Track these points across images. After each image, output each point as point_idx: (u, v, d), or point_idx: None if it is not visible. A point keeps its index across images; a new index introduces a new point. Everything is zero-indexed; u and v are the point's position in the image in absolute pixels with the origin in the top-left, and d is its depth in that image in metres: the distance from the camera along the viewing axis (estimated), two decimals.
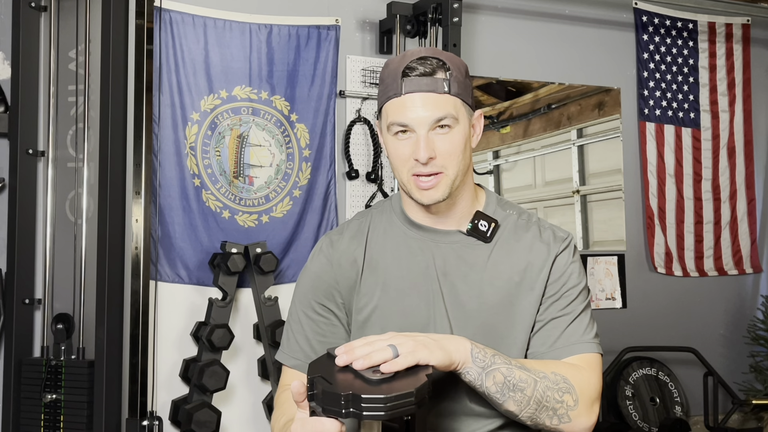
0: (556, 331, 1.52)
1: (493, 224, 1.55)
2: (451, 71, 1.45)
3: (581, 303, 1.55)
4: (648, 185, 4.15)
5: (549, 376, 1.41)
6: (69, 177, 3.07)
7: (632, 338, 4.00)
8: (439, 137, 1.45)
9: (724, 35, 4.34)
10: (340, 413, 1.15)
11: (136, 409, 2.85)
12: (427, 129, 1.44)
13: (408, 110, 1.44)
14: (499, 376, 1.36)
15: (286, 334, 1.63)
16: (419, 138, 1.44)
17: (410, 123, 1.44)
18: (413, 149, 1.44)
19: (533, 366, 1.42)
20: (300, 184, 3.43)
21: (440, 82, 1.43)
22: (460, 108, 1.46)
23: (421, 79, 1.43)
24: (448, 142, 1.45)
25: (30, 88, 3.03)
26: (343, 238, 1.60)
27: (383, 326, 1.52)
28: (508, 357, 1.40)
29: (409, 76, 1.44)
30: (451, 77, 1.44)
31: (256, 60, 3.35)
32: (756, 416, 4.29)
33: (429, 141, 1.43)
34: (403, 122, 1.44)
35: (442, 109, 1.43)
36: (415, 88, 1.43)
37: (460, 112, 1.46)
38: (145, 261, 2.91)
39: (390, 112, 1.46)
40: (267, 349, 3.21)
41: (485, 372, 1.36)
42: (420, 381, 1.20)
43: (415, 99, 1.43)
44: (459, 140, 1.46)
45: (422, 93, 1.43)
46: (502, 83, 3.85)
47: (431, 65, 1.44)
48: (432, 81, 1.43)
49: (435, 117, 1.43)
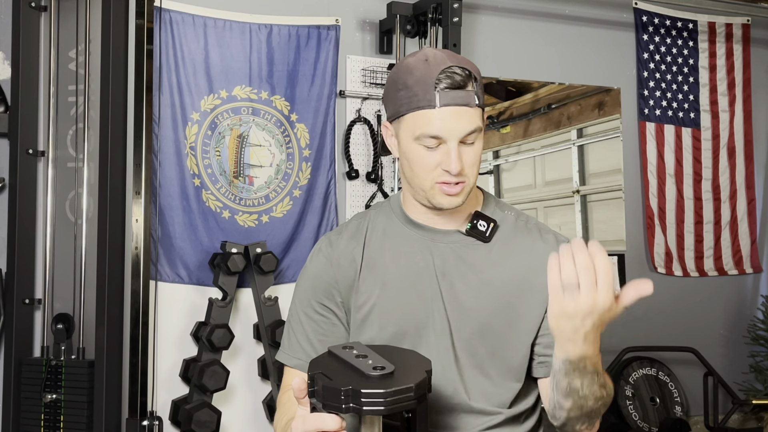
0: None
1: (492, 224, 1.56)
2: (477, 81, 1.46)
3: None
4: (648, 185, 4.15)
5: (608, 390, 1.41)
6: (69, 177, 3.07)
7: (632, 338, 3.99)
8: (465, 148, 1.46)
9: (724, 35, 4.34)
10: (341, 408, 1.15)
11: (136, 409, 2.85)
12: (458, 141, 1.44)
13: (442, 122, 1.43)
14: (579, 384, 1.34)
15: (286, 335, 1.63)
16: (450, 150, 1.44)
17: (444, 135, 1.44)
18: (442, 159, 1.45)
19: (608, 383, 1.41)
20: (300, 184, 3.43)
21: (472, 96, 1.44)
22: (483, 118, 1.48)
23: (457, 93, 1.43)
24: (473, 153, 1.47)
25: (30, 88, 3.04)
26: (342, 238, 1.61)
27: (382, 324, 1.53)
28: (599, 370, 1.37)
29: (442, 89, 1.43)
30: (477, 88, 1.45)
31: (256, 60, 3.35)
32: (756, 416, 4.28)
33: (459, 153, 1.44)
34: (437, 134, 1.44)
35: (473, 122, 1.44)
36: (449, 102, 1.43)
37: (483, 122, 1.48)
38: (145, 261, 2.91)
39: (420, 122, 1.45)
40: (267, 349, 3.21)
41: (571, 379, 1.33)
42: (420, 376, 1.20)
43: (449, 112, 1.43)
44: (480, 150, 1.49)
45: (457, 107, 1.43)
46: (502, 83, 3.86)
47: (461, 77, 1.44)
48: (466, 95, 1.43)
49: (467, 130, 1.44)
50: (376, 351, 1.27)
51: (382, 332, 1.53)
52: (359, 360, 1.23)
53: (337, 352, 1.27)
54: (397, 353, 1.31)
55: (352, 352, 1.26)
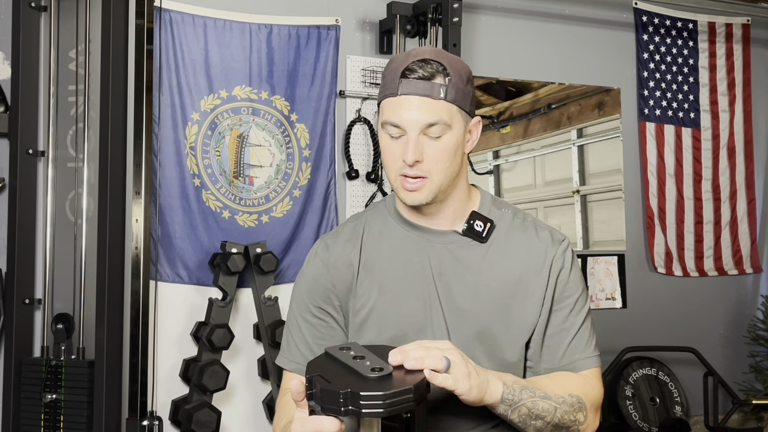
0: (559, 347, 1.54)
1: (489, 224, 1.55)
2: (450, 77, 1.45)
3: (582, 312, 1.56)
4: (648, 185, 4.15)
5: (567, 400, 1.45)
6: (69, 177, 3.07)
7: (632, 338, 4.00)
8: (428, 142, 1.45)
9: (724, 35, 4.34)
10: (339, 411, 1.15)
11: (136, 409, 2.86)
12: (417, 132, 1.44)
13: (402, 111, 1.44)
14: (524, 410, 1.40)
15: (285, 339, 1.63)
16: (409, 140, 1.44)
17: (402, 124, 1.44)
18: (402, 150, 1.45)
19: (554, 391, 1.45)
20: (300, 184, 3.43)
21: (437, 88, 1.43)
22: (455, 115, 1.46)
23: (419, 83, 1.43)
24: (437, 148, 1.45)
25: (30, 88, 3.03)
26: (338, 241, 1.61)
27: (380, 328, 1.53)
28: (534, 387, 1.42)
29: (407, 77, 1.44)
30: (449, 83, 1.44)
31: (256, 60, 3.35)
32: (756, 416, 4.28)
33: (418, 144, 1.44)
34: (396, 122, 1.45)
35: (435, 114, 1.43)
36: (411, 91, 1.43)
37: (455, 119, 1.46)
38: (145, 261, 2.91)
39: (385, 109, 1.47)
40: (267, 349, 3.21)
41: (512, 408, 1.39)
42: (418, 378, 1.20)
43: (411, 101, 1.44)
44: (449, 147, 1.46)
45: (418, 96, 1.43)
46: (502, 83, 3.86)
47: (431, 69, 1.44)
48: (429, 85, 1.43)
49: (427, 121, 1.44)
50: (373, 351, 1.27)
51: (380, 335, 1.53)
52: (357, 361, 1.23)
53: (335, 353, 1.27)
54: None
55: (350, 353, 1.26)
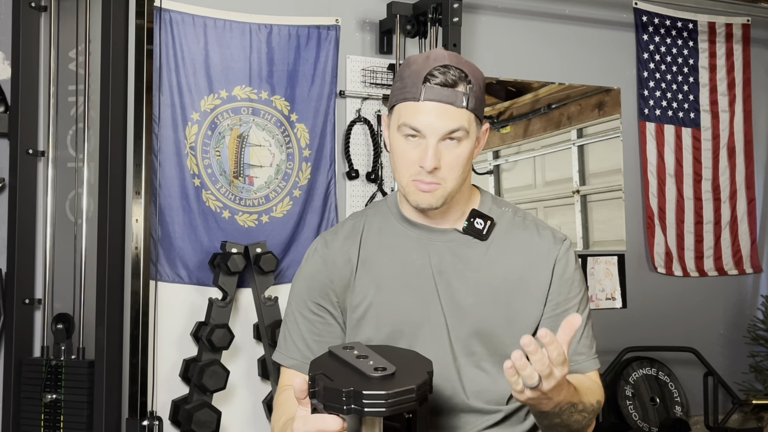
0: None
1: (489, 222, 1.56)
2: (471, 85, 1.45)
3: (585, 312, 1.57)
4: (648, 185, 4.15)
5: (595, 408, 1.48)
6: (69, 177, 3.07)
7: (632, 338, 4.00)
8: (446, 148, 1.45)
9: (724, 35, 4.34)
10: (342, 410, 1.15)
11: (136, 409, 2.85)
12: (437, 138, 1.44)
13: (423, 116, 1.43)
14: (557, 420, 1.40)
15: (282, 335, 1.63)
16: (428, 146, 1.44)
17: (423, 129, 1.44)
18: (420, 155, 1.45)
19: (589, 400, 1.45)
20: (300, 184, 3.43)
21: (460, 96, 1.43)
22: (472, 122, 1.46)
23: (443, 90, 1.43)
24: (455, 155, 1.46)
25: (30, 88, 3.03)
26: (338, 238, 1.61)
27: (378, 324, 1.53)
28: (578, 402, 1.41)
29: (430, 83, 1.43)
30: (470, 91, 1.44)
31: (256, 60, 3.35)
32: (756, 416, 4.28)
33: (437, 150, 1.44)
34: (416, 127, 1.44)
35: (456, 121, 1.44)
36: (434, 97, 1.43)
37: (472, 127, 1.46)
38: (145, 261, 2.91)
39: (404, 112, 1.46)
40: (267, 349, 3.21)
41: (547, 418, 1.40)
42: (421, 377, 1.20)
43: (433, 107, 1.43)
44: (465, 154, 1.47)
45: (441, 103, 1.43)
46: (502, 83, 3.86)
47: (453, 77, 1.44)
48: (452, 93, 1.43)
49: (448, 128, 1.44)
50: (377, 351, 1.27)
51: (378, 332, 1.52)
52: (360, 360, 1.23)
53: (338, 352, 1.27)
54: (398, 354, 1.31)
55: (353, 353, 1.26)
